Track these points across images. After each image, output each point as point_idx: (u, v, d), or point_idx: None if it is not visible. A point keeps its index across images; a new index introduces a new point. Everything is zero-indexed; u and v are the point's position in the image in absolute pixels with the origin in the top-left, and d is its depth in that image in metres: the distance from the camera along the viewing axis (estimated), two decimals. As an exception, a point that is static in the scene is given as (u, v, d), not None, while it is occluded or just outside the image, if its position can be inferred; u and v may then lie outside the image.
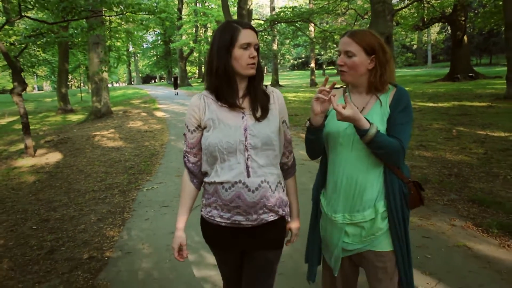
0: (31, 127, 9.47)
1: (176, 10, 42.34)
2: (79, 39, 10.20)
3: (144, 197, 5.71)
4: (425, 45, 49.18)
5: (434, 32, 48.65)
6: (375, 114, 1.84)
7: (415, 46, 53.69)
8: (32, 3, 7.54)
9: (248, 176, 1.75)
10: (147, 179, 6.64)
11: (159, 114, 16.65)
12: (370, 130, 1.69)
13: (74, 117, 18.62)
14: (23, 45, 9.22)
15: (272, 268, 1.96)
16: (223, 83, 1.77)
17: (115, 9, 8.73)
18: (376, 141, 1.71)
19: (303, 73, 58.58)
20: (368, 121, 1.72)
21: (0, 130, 15.74)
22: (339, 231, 1.92)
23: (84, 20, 10.19)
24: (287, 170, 2.01)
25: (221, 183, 1.76)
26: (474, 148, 7.17)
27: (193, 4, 45.00)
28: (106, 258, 3.81)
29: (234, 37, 1.74)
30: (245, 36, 1.74)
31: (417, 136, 8.51)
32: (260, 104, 1.82)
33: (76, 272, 3.54)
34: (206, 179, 1.86)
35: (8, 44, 9.02)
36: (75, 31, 8.85)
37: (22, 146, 10.06)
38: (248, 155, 1.75)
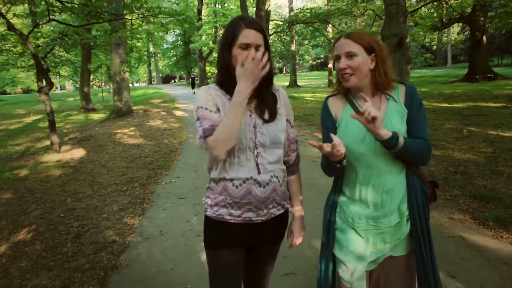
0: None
1: (195, 11, 42.96)
2: (102, 40, 10.61)
3: (162, 190, 6.06)
4: (445, 45, 48.72)
5: (454, 32, 48.18)
6: (393, 115, 1.80)
7: (435, 47, 53.21)
8: (59, 8, 7.99)
9: (259, 173, 1.74)
10: (165, 174, 7.00)
11: (178, 113, 17.07)
12: (399, 142, 1.66)
13: (96, 116, 19.15)
14: (50, 47, 9.70)
15: (274, 259, 2.04)
16: (227, 80, 1.74)
17: (136, 11, 9.16)
18: (406, 148, 1.69)
19: (321, 73, 58.56)
20: (395, 133, 1.68)
21: (26, 128, 16.34)
22: (362, 238, 1.85)
23: (107, 22, 10.65)
24: (288, 168, 1.97)
25: (231, 180, 1.74)
26: (483, 148, 7.30)
27: (212, 5, 45.52)
28: (127, 242, 4.17)
29: (235, 35, 1.69)
30: (245, 36, 1.68)
31: (428, 135, 8.66)
32: (267, 108, 1.80)
33: (100, 254, 3.91)
34: (212, 175, 1.83)
35: (35, 46, 9.49)
36: (99, 33, 9.28)
37: (47, 143, 10.56)
38: (257, 153, 1.75)
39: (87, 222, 4.81)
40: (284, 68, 73.94)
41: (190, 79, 34.75)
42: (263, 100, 1.79)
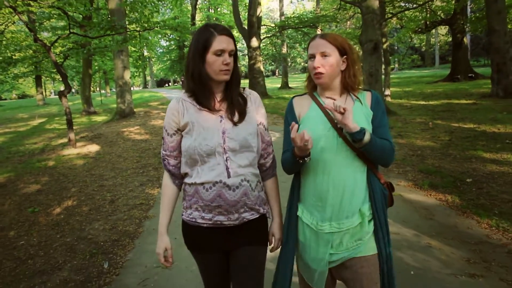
0: (62, 127, 10.96)
1: (189, 16, 44.20)
2: (112, 49, 11.77)
3: (173, 172, 7.36)
4: (433, 47, 50.23)
5: (441, 34, 49.67)
6: (358, 115, 1.81)
7: (423, 48, 54.70)
8: (79, 23, 9.27)
9: (229, 176, 1.76)
10: (173, 161, 8.30)
11: (177, 114, 18.26)
12: (365, 137, 1.68)
13: (98, 118, 20.21)
14: (65, 55, 10.96)
15: (258, 264, 1.95)
16: (199, 87, 1.80)
17: (145, 25, 10.45)
18: (372, 143, 1.72)
19: (313, 75, 59.63)
20: (363, 128, 1.72)
21: (35, 130, 17.46)
22: (325, 242, 1.85)
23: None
24: (266, 171, 2.00)
25: (202, 183, 1.78)
26: (442, 137, 8.56)
27: (206, 10, 46.72)
28: (151, 204, 5.54)
29: (208, 42, 1.72)
30: (219, 42, 1.72)
31: (398, 128, 9.90)
32: (237, 109, 1.82)
33: (133, 211, 5.26)
34: (186, 180, 1.87)
35: (55, 54, 10.69)
36: (110, 43, 10.50)
37: (61, 141, 11.80)
38: (227, 157, 1.77)
39: (117, 193, 6.15)
40: (277, 70, 75.30)
41: (182, 82, 36.35)
42: (232, 101, 1.84)
